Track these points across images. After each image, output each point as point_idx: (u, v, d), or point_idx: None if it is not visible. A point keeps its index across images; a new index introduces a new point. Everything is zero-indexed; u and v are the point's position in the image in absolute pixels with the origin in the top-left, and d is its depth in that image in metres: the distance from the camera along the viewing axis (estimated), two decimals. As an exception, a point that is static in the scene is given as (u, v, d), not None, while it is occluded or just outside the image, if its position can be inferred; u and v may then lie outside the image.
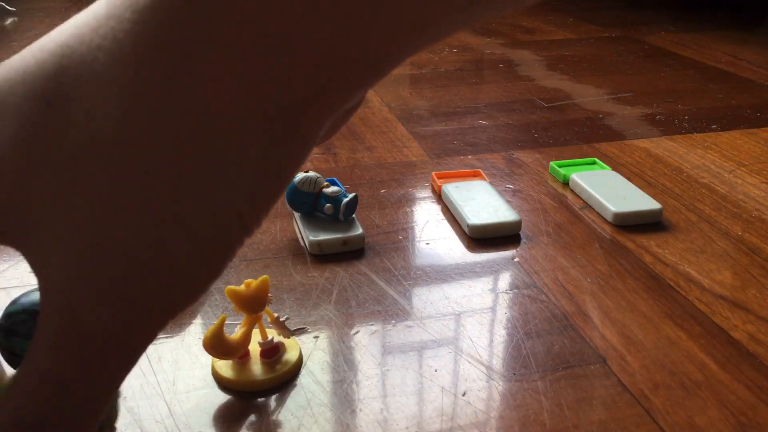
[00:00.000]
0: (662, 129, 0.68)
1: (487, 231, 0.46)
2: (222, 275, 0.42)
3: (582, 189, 0.52)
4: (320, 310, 0.38)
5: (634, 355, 0.35)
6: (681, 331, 0.36)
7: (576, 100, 0.77)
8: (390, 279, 0.41)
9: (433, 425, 0.30)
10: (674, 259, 0.44)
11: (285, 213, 0.50)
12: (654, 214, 0.48)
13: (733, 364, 0.34)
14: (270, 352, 0.33)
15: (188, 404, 0.31)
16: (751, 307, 0.39)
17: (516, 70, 0.92)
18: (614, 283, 0.41)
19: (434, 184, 0.54)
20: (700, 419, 0.30)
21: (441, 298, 0.39)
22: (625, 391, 0.32)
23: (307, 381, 0.33)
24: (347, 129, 0.68)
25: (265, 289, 0.32)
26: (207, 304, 0.39)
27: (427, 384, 0.33)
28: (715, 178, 0.56)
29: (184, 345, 0.35)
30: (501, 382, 0.33)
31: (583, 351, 0.35)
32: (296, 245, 0.45)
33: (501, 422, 0.30)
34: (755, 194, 0.53)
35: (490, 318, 0.38)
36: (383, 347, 0.35)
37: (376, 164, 0.59)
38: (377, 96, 0.79)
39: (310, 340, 0.36)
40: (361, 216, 0.49)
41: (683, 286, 0.41)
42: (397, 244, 0.45)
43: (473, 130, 0.67)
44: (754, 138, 0.66)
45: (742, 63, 0.94)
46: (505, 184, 0.55)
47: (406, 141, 0.65)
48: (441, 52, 1.01)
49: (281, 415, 0.31)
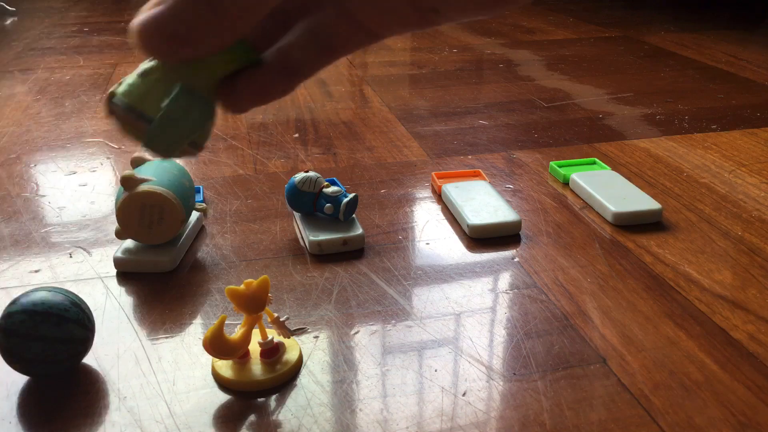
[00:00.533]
0: (662, 129, 0.68)
1: (487, 231, 0.46)
2: (221, 275, 0.42)
3: (582, 189, 0.52)
4: (320, 310, 0.38)
5: (634, 355, 0.35)
6: (681, 331, 0.36)
7: (576, 100, 0.77)
8: (390, 279, 0.41)
9: (433, 425, 0.30)
10: (674, 259, 0.44)
11: (285, 213, 0.50)
12: (654, 214, 0.48)
13: (733, 364, 0.34)
14: (270, 352, 0.33)
15: (188, 404, 0.31)
16: (751, 307, 0.39)
17: (516, 70, 0.92)
18: (614, 283, 0.41)
19: (434, 184, 0.54)
20: (700, 419, 0.30)
21: (441, 298, 0.39)
22: (625, 391, 0.32)
23: (307, 381, 0.33)
24: (347, 129, 0.68)
25: (265, 289, 0.32)
26: (207, 304, 0.39)
27: (427, 384, 0.33)
28: (715, 178, 0.56)
29: (184, 345, 0.35)
30: (501, 382, 0.33)
31: (583, 351, 0.35)
32: (296, 245, 0.45)
33: (501, 422, 0.30)
34: (755, 194, 0.53)
35: (490, 318, 0.38)
36: (383, 347, 0.35)
37: (376, 164, 0.59)
38: (377, 96, 0.79)
39: (310, 340, 0.36)
40: (361, 216, 0.49)
41: (683, 286, 0.41)
42: (397, 244, 0.45)
43: (473, 130, 0.67)
44: (754, 138, 0.66)
45: (742, 63, 0.94)
46: (505, 184, 0.55)
47: (406, 141, 0.65)
48: (441, 52, 1.01)
49: (281, 415, 0.31)
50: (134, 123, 0.26)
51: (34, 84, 0.85)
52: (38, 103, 0.77)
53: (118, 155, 0.62)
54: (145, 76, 0.26)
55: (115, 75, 0.89)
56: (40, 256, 0.44)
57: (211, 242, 0.46)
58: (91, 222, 0.49)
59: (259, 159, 0.60)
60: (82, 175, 0.57)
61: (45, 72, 0.90)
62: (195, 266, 0.43)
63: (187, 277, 0.42)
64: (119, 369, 0.34)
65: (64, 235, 0.47)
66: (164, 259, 0.42)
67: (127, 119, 0.26)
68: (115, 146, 0.64)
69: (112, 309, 0.38)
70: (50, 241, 0.46)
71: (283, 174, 0.57)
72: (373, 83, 0.85)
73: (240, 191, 0.53)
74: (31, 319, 0.31)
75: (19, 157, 0.61)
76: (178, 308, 0.39)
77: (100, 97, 0.79)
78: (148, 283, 0.41)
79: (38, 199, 0.53)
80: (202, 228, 0.48)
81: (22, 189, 0.55)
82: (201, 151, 0.28)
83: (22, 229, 0.48)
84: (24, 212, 0.50)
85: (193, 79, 0.27)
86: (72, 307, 0.32)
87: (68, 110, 0.74)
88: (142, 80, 0.26)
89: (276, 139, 0.65)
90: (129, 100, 0.26)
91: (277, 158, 0.60)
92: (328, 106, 0.76)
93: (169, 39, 0.24)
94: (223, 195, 0.53)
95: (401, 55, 1.00)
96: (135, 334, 0.36)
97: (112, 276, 0.42)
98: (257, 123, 0.70)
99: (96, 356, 0.34)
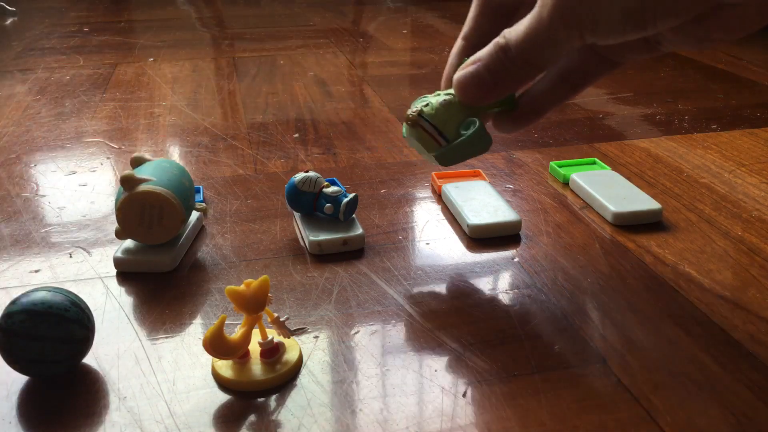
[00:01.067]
0: (662, 129, 0.68)
1: (487, 231, 0.46)
2: (221, 275, 0.42)
3: (582, 189, 0.52)
4: (320, 310, 0.38)
5: (634, 355, 0.35)
6: (681, 331, 0.36)
7: (576, 100, 0.77)
8: (390, 279, 0.41)
9: (433, 425, 0.30)
10: (674, 259, 0.44)
11: (285, 213, 0.50)
12: (654, 214, 0.48)
13: (733, 364, 0.34)
14: (270, 352, 0.33)
15: (188, 404, 0.31)
16: (751, 307, 0.39)
17: (516, 70, 0.91)
18: (614, 283, 0.41)
19: (434, 184, 0.54)
20: (700, 419, 0.30)
21: (441, 298, 0.39)
22: (625, 391, 0.32)
23: (307, 381, 0.33)
24: (347, 129, 0.68)
25: (265, 289, 0.32)
26: (207, 304, 0.39)
27: (427, 384, 0.33)
28: (715, 178, 0.56)
29: (184, 345, 0.35)
30: (501, 382, 0.33)
31: (583, 351, 0.35)
32: (296, 245, 0.45)
33: (501, 422, 0.30)
34: (755, 194, 0.53)
35: (490, 318, 0.38)
36: (383, 347, 0.35)
37: (376, 164, 0.59)
38: (377, 96, 0.79)
39: (310, 340, 0.36)
40: (361, 216, 0.49)
41: (683, 286, 0.41)
42: (397, 244, 0.45)
43: (473, 130, 0.67)
44: (754, 138, 0.66)
45: (742, 63, 0.94)
46: (505, 184, 0.55)
47: (406, 141, 0.65)
48: (441, 52, 1.01)
49: (281, 415, 0.31)
50: (433, 138, 0.37)
51: (34, 84, 0.85)
52: (38, 103, 0.77)
53: (118, 155, 0.62)
54: (447, 106, 0.37)
55: (115, 75, 0.89)
56: (40, 256, 0.44)
57: (211, 242, 0.46)
58: (91, 222, 0.49)
59: (259, 159, 0.60)
60: (82, 175, 0.57)
61: (45, 72, 0.90)
62: (195, 266, 0.43)
63: (187, 277, 0.42)
64: (119, 369, 0.34)
65: (64, 235, 0.47)
66: (164, 259, 0.42)
67: (428, 134, 0.37)
68: (115, 146, 0.64)
69: (112, 309, 0.38)
70: (50, 241, 0.46)
71: (283, 174, 0.57)
72: (373, 83, 0.85)
73: (240, 191, 0.53)
74: (31, 319, 0.31)
75: (19, 157, 0.61)
76: (178, 308, 0.39)
77: (100, 97, 0.79)
78: (148, 283, 0.41)
79: (38, 199, 0.53)
80: (202, 228, 0.48)
81: (22, 189, 0.55)
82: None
83: (22, 229, 0.48)
84: (24, 212, 0.50)
85: (478, 114, 0.37)
86: (72, 307, 0.32)
87: (68, 110, 0.74)
88: (445, 109, 0.37)
89: (276, 139, 0.65)
90: (435, 122, 0.37)
91: (277, 158, 0.60)
92: (328, 106, 0.76)
93: (480, 88, 0.35)
94: (223, 195, 0.53)
95: (401, 55, 1.00)
96: (135, 334, 0.36)
97: (112, 276, 0.42)
98: (257, 123, 0.70)
99: (96, 356, 0.34)
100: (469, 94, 0.36)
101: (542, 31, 0.31)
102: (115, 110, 0.74)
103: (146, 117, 0.72)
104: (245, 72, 0.90)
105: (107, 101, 0.78)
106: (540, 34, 0.31)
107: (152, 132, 0.68)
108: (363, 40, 1.10)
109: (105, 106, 0.76)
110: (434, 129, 0.37)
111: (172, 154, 0.62)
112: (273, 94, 0.80)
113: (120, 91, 0.81)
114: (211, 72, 0.90)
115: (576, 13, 0.30)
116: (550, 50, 0.32)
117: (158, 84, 0.84)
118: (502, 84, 0.35)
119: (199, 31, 1.18)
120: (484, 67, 0.34)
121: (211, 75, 0.89)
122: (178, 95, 0.80)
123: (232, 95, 0.80)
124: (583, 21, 0.30)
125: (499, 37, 0.34)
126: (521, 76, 0.34)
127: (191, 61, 0.96)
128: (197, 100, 0.78)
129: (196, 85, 0.84)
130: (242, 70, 0.91)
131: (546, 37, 0.31)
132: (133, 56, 0.99)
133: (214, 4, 1.45)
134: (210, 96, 0.79)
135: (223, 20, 1.28)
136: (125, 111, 0.74)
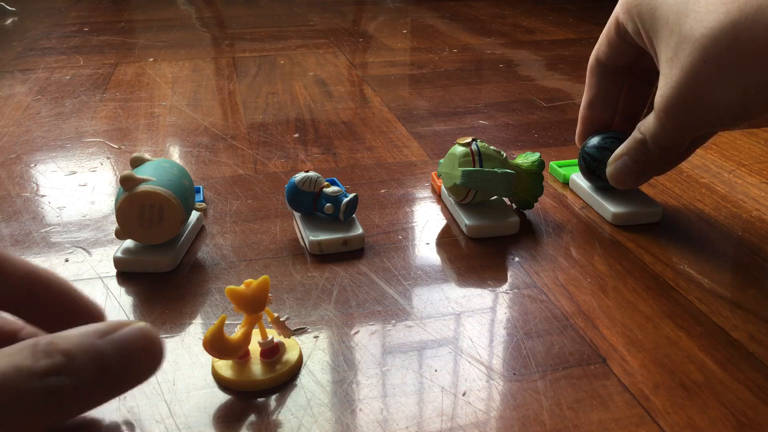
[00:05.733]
0: (662, 129, 0.68)
1: (486, 231, 0.46)
2: (221, 275, 0.42)
3: (582, 189, 0.52)
4: (320, 310, 0.38)
5: (634, 355, 0.35)
6: (681, 331, 0.36)
7: (576, 100, 0.77)
8: (390, 279, 0.41)
9: (433, 425, 0.30)
10: (674, 259, 0.44)
11: (285, 213, 0.50)
12: (654, 214, 0.48)
13: (733, 364, 0.34)
14: (270, 352, 0.33)
15: (188, 404, 0.31)
16: (751, 307, 0.39)
17: (516, 70, 0.92)
18: (614, 283, 0.41)
19: (434, 184, 0.54)
20: (700, 419, 0.30)
21: (441, 298, 0.39)
22: (625, 391, 0.32)
23: (307, 381, 0.33)
24: (347, 129, 0.68)
25: (265, 289, 0.32)
26: (207, 304, 0.39)
27: (427, 384, 0.33)
28: (714, 177, 0.56)
29: (184, 345, 0.35)
30: (501, 382, 0.33)
31: (583, 351, 0.35)
32: (296, 245, 0.45)
33: (501, 422, 0.30)
34: (755, 194, 0.53)
35: (490, 318, 0.38)
36: (383, 347, 0.35)
37: (376, 164, 0.59)
38: (377, 96, 0.79)
39: (310, 340, 0.36)
40: (361, 216, 0.49)
41: (683, 286, 0.41)
42: (397, 244, 0.45)
43: (473, 130, 0.68)
44: (754, 138, 0.66)
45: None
46: (505, 184, 0.55)
47: (406, 141, 0.65)
48: (441, 52, 1.01)
49: (281, 415, 0.31)
50: (473, 160, 0.45)
51: (34, 84, 0.85)
52: (38, 102, 0.77)
53: (118, 155, 0.62)
54: (497, 154, 0.46)
55: (115, 75, 0.89)
56: (40, 256, 0.44)
57: (211, 242, 0.46)
58: (91, 222, 0.49)
59: (259, 159, 0.60)
60: (82, 175, 0.57)
61: (45, 72, 0.90)
62: (195, 266, 0.43)
63: (187, 277, 0.42)
64: (119, 369, 0.34)
65: (64, 235, 0.47)
66: (164, 259, 0.42)
67: (471, 158, 0.45)
68: (115, 146, 0.64)
69: (112, 309, 0.38)
70: (50, 241, 0.46)
71: (283, 174, 0.57)
72: (373, 83, 0.85)
73: (240, 191, 0.53)
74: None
75: (19, 157, 0.61)
76: (178, 308, 0.39)
77: (100, 97, 0.79)
78: (148, 283, 0.41)
79: (38, 199, 0.53)
80: (202, 228, 0.48)
81: (22, 189, 0.55)
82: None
83: (22, 229, 0.48)
84: (24, 212, 0.50)
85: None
86: (72, 307, 0.32)
87: (68, 110, 0.74)
88: (495, 152, 0.46)
89: (276, 139, 0.65)
90: (482, 149, 0.46)
91: (277, 158, 0.60)
92: (328, 106, 0.76)
93: (631, 176, 0.44)
94: (223, 195, 0.53)
95: (401, 55, 1.00)
96: (135, 334, 0.36)
97: (112, 276, 0.42)
98: (257, 123, 0.70)
99: (96, 356, 0.34)
100: (621, 181, 0.45)
101: (666, 134, 0.40)
102: (115, 110, 0.74)
103: (146, 117, 0.72)
104: (245, 72, 0.90)
105: (107, 101, 0.78)
106: (665, 137, 0.40)
107: (152, 132, 0.68)
108: (363, 40, 1.10)
109: (105, 106, 0.76)
110: (478, 154, 0.45)
111: (172, 154, 0.62)
112: (273, 94, 0.80)
113: (120, 91, 0.81)
114: (211, 72, 0.90)
115: (687, 122, 0.38)
116: (676, 147, 0.42)
117: (158, 84, 0.84)
118: (649, 170, 0.44)
119: (199, 31, 1.18)
120: (631, 160, 0.43)
121: (211, 75, 0.89)
122: (178, 95, 0.80)
123: (232, 95, 0.80)
124: (696, 125, 0.38)
125: (636, 131, 0.42)
126: (662, 163, 0.43)
127: (191, 61, 0.96)
128: (197, 100, 0.78)
129: (196, 85, 0.84)
130: (242, 70, 0.91)
131: (669, 139, 0.40)
132: (133, 56, 0.99)
133: (214, 4, 1.45)
134: (210, 96, 0.80)
135: (223, 20, 1.28)
136: (125, 111, 0.74)
